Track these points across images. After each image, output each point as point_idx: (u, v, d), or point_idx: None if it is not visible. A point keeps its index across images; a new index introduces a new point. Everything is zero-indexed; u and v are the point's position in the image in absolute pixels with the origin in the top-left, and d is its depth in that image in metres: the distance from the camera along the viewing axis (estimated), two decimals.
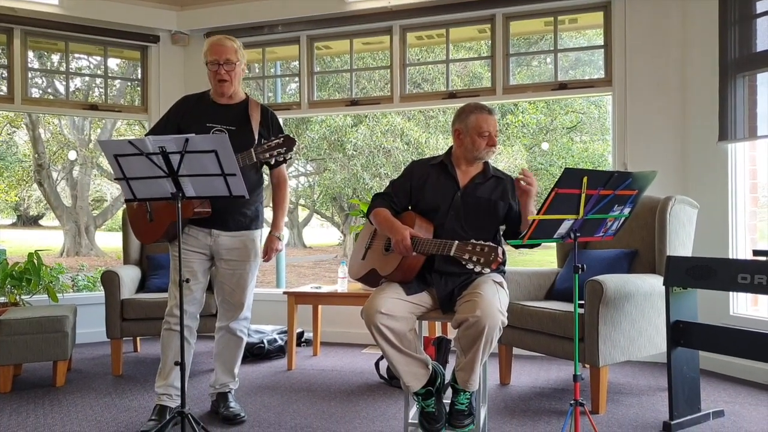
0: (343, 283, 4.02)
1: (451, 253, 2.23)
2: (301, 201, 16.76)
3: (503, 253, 2.15)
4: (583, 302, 2.87)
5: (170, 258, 2.94)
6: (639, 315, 3.00)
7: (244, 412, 2.93)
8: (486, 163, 2.62)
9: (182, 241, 2.74)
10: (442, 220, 2.51)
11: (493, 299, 2.28)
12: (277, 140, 2.57)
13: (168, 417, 2.68)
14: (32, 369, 3.86)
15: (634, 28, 4.05)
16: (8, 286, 3.94)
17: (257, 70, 5.26)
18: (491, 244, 2.16)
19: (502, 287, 2.44)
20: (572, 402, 2.34)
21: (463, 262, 2.18)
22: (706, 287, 2.63)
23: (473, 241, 2.20)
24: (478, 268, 2.14)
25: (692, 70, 3.88)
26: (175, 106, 2.96)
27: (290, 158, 2.65)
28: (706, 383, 3.31)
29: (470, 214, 2.51)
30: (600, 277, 2.87)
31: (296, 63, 5.08)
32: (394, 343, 2.33)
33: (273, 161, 2.64)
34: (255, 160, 2.60)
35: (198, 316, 2.92)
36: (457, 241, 2.23)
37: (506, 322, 2.30)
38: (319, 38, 4.94)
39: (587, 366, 2.98)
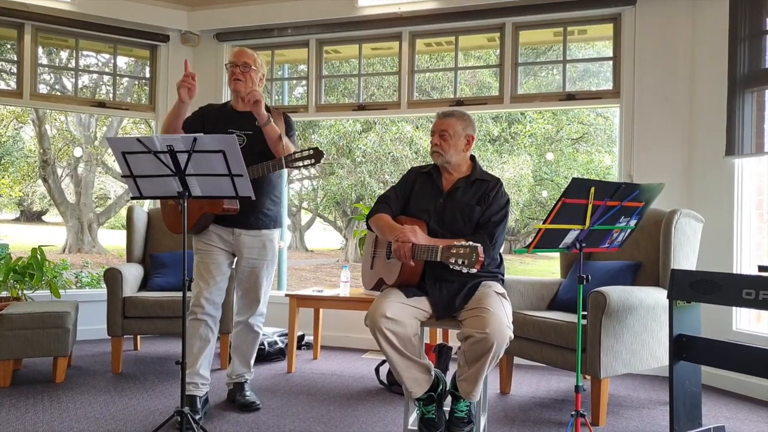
0: (345, 287, 4.01)
1: (438, 259, 2.24)
2: (305, 204, 16.78)
3: (483, 250, 2.17)
4: (585, 313, 2.86)
5: (194, 252, 3.04)
6: (641, 327, 2.99)
7: (259, 400, 3.08)
8: (473, 167, 2.64)
9: (206, 238, 2.95)
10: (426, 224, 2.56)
11: (501, 315, 2.29)
12: (308, 152, 2.67)
13: (199, 406, 2.85)
14: (32, 364, 3.86)
15: (643, 40, 4.06)
16: (11, 280, 3.94)
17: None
18: (471, 243, 2.18)
19: (505, 298, 2.45)
20: (573, 413, 2.33)
21: (451, 266, 2.20)
22: (710, 302, 2.61)
23: (455, 242, 2.22)
24: (465, 270, 2.17)
25: (700, 85, 3.88)
26: (200, 108, 3.09)
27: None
28: (707, 398, 3.30)
29: (449, 218, 2.55)
30: (603, 289, 2.87)
31: (303, 66, 5.09)
32: (398, 347, 2.34)
33: (299, 170, 2.76)
34: (284, 167, 2.71)
35: (221, 306, 3.02)
36: (441, 246, 2.25)
37: (513, 336, 2.32)
38: (329, 42, 4.96)
39: (588, 377, 2.97)
